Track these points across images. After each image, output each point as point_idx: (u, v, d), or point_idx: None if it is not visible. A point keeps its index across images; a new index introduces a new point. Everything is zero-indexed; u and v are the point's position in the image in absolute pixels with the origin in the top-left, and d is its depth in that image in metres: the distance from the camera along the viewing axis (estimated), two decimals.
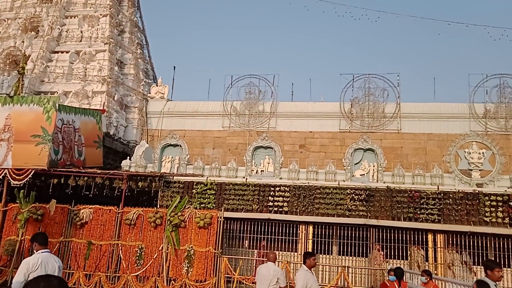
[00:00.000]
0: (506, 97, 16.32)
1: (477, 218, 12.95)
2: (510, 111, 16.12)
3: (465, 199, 13.17)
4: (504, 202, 12.92)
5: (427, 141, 16.84)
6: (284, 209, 14.24)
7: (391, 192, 13.71)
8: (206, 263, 12.60)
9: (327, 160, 16.32)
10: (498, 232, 12.68)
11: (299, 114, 18.49)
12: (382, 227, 13.45)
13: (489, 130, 16.02)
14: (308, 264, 6.57)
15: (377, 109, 17.44)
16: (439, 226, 13.06)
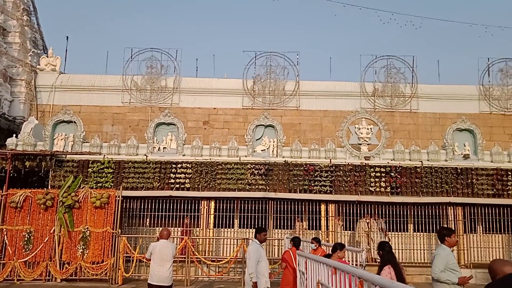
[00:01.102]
0: (392, 77, 17.79)
1: (363, 188, 14.17)
2: (395, 90, 17.64)
3: (354, 171, 14.31)
4: (387, 173, 14.27)
5: (323, 117, 17.83)
6: (186, 185, 14.21)
7: (288, 166, 14.37)
8: (104, 244, 12.20)
9: (230, 137, 16.51)
10: (381, 200, 14.02)
11: (203, 91, 18.36)
12: (280, 199, 14.10)
13: (377, 108, 17.42)
14: (259, 238, 6.95)
15: (278, 87, 17.96)
16: (331, 196, 14.06)
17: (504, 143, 16.04)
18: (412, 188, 14.13)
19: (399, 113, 17.53)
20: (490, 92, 17.42)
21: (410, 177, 14.19)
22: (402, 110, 17.52)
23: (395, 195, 14.11)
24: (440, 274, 5.25)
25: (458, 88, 17.81)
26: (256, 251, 6.81)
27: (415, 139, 16.54)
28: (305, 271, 5.83)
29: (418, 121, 17.57)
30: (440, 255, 5.36)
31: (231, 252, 13.39)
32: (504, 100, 17.34)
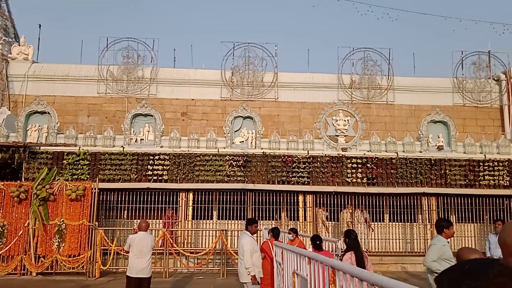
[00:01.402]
0: (369, 69, 17.98)
1: (340, 179, 14.37)
2: (372, 82, 17.85)
3: (331, 162, 14.48)
4: (363, 164, 14.50)
5: (301, 109, 17.93)
6: (164, 177, 14.13)
7: (266, 158, 14.44)
8: (80, 237, 12.05)
9: (209, 128, 16.44)
10: (357, 191, 14.25)
11: (181, 81, 18.18)
12: (259, 190, 14.17)
13: (354, 99, 17.61)
14: (250, 230, 6.99)
15: (256, 78, 17.93)
16: (309, 187, 14.21)
17: (476, 135, 16.48)
18: (387, 179, 14.41)
19: (375, 105, 17.77)
20: (463, 85, 17.82)
21: (386, 168, 14.46)
22: (379, 102, 17.76)
23: (371, 185, 14.36)
24: (431, 263, 5.40)
25: (433, 80, 18.15)
26: (249, 243, 6.90)
27: (391, 131, 16.80)
28: (282, 261, 5.90)
29: (394, 113, 17.85)
30: (435, 245, 5.52)
31: (210, 244, 13.42)
32: (477, 92, 17.77)
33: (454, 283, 1.06)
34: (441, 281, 1.11)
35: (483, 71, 17.99)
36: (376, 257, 13.78)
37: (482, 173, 14.51)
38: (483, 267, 1.07)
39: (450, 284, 1.07)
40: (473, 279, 1.03)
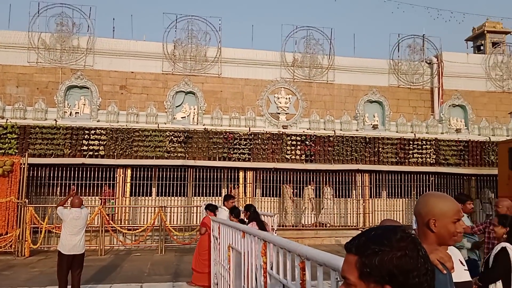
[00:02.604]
0: (311, 48, 18.26)
1: (280, 156, 14.65)
2: (313, 61, 18.16)
3: (272, 140, 14.69)
4: (302, 141, 14.86)
5: (244, 86, 17.92)
6: (100, 153, 13.63)
7: (208, 134, 14.35)
8: (7, 215, 11.41)
9: (149, 103, 15.98)
10: (296, 167, 14.61)
11: (120, 53, 17.43)
12: (199, 167, 14.10)
13: (296, 78, 17.87)
14: (227, 205, 7.21)
15: (199, 52, 17.60)
16: (249, 164, 14.36)
17: (408, 115, 17.40)
18: (325, 156, 14.89)
19: (316, 84, 18.15)
20: (398, 67, 18.64)
21: (323, 145, 14.92)
22: (320, 81, 18.15)
23: (309, 162, 14.79)
24: None
25: (371, 61, 18.81)
26: (225, 217, 7.02)
27: (330, 110, 17.31)
28: (219, 236, 5.96)
29: (334, 92, 18.36)
30: None
31: (148, 221, 13.23)
32: (411, 74, 18.68)
33: (361, 248, 1.12)
34: (349, 246, 1.17)
35: (417, 54, 18.91)
36: (311, 231, 14.34)
37: (412, 151, 15.41)
38: (387, 232, 1.14)
39: (357, 249, 1.13)
40: (377, 243, 1.10)
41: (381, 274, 1.07)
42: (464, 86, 18.44)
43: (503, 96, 18.92)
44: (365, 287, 1.10)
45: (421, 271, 1.08)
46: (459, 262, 2.16)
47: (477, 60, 19.41)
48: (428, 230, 1.92)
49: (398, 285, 1.07)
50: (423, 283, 1.08)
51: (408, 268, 1.07)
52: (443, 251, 1.88)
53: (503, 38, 21.30)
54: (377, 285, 1.08)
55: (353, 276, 1.12)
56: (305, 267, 2.36)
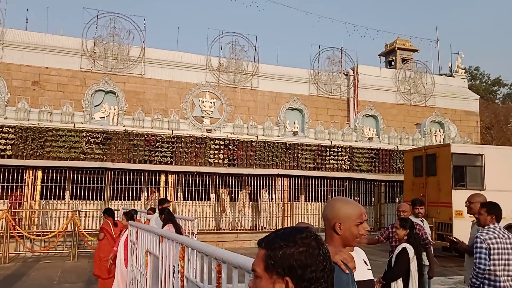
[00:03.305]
0: (236, 54, 18.49)
1: (203, 160, 14.63)
2: (238, 67, 18.39)
3: (195, 143, 14.62)
4: (225, 145, 14.98)
5: (169, 88, 17.63)
6: (8, 152, 12.59)
7: (128, 136, 13.90)
8: None
9: (65, 101, 15.08)
10: (218, 171, 14.68)
11: (34, 46, 16.25)
12: (118, 169, 13.60)
13: (221, 82, 17.97)
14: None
15: (121, 51, 17.00)
16: (171, 167, 14.15)
17: (326, 123, 18.30)
18: (247, 160, 15.15)
19: (241, 89, 18.41)
20: (318, 77, 19.54)
21: (246, 150, 15.17)
22: (244, 86, 18.43)
23: (232, 166, 14.95)
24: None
25: (293, 70, 19.51)
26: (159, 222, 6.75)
27: (253, 115, 17.64)
28: (136, 241, 5.82)
29: (257, 98, 18.74)
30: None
31: (60, 226, 12.45)
32: (330, 85, 19.67)
33: (269, 243, 1.23)
34: (260, 241, 1.27)
35: (335, 66, 19.97)
36: (231, 234, 14.47)
37: (328, 157, 16.23)
38: (294, 231, 1.26)
39: (266, 243, 1.24)
40: (283, 239, 1.22)
41: (283, 266, 1.18)
42: (376, 97, 19.83)
43: (410, 109, 20.64)
44: (269, 278, 1.20)
45: (319, 267, 1.19)
46: (363, 262, 2.34)
47: (389, 74, 21.00)
48: (334, 233, 2.07)
49: (297, 277, 1.17)
50: (320, 278, 1.19)
51: (307, 263, 1.18)
52: (347, 252, 2.03)
53: (411, 55, 23.29)
54: (278, 276, 1.19)
55: (259, 268, 1.22)
56: (221, 270, 2.43)
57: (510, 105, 34.02)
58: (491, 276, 3.77)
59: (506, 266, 3.76)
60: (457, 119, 20.75)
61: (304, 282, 1.18)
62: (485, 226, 3.94)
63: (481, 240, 3.80)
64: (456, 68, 22.82)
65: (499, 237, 3.80)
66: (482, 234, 3.85)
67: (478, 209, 4.17)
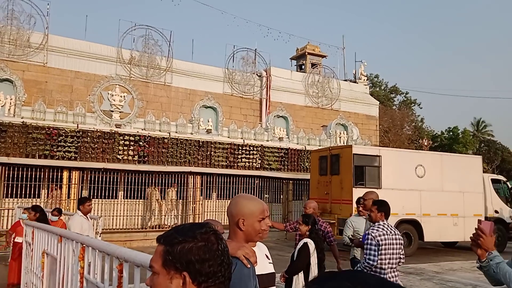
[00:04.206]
0: (149, 48, 17.94)
1: (111, 156, 14.00)
2: (151, 62, 17.86)
3: (103, 138, 13.94)
4: (136, 142, 14.50)
5: (74, 78, 16.57)
6: None
7: (27, 128, 12.83)
8: None
9: None
10: (128, 168, 14.17)
11: None
12: (14, 165, 12.48)
13: (133, 76, 17.32)
14: (83, 210, 6.34)
15: (21, 37, 15.57)
16: (75, 163, 13.34)
17: (239, 122, 18.55)
18: (158, 157, 14.82)
19: (153, 85, 17.92)
20: (232, 76, 19.74)
21: (157, 147, 14.83)
22: (157, 82, 17.97)
23: (142, 163, 14.51)
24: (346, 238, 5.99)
25: (208, 68, 19.48)
26: (80, 222, 6.11)
27: (166, 111, 17.29)
28: (32, 241, 5.41)
29: (171, 95, 18.40)
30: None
31: None
32: (243, 84, 19.97)
33: (168, 238, 1.24)
34: (159, 237, 1.28)
35: (249, 66, 20.31)
36: (140, 233, 14.06)
37: (240, 155, 16.50)
38: (193, 226, 1.28)
39: (165, 239, 1.25)
40: (182, 234, 1.24)
41: (181, 261, 1.19)
42: (287, 99, 20.57)
43: (318, 111, 21.74)
44: (166, 273, 1.21)
45: (216, 261, 1.23)
46: (265, 256, 2.44)
47: (299, 77, 21.90)
48: (238, 229, 2.14)
49: (194, 272, 1.20)
50: (217, 272, 1.23)
51: (205, 257, 1.21)
52: (249, 247, 2.10)
53: (320, 61, 24.54)
54: (176, 272, 1.20)
55: (157, 264, 1.22)
56: (123, 270, 2.37)
57: (405, 111, 37.45)
58: (377, 269, 4.15)
59: (390, 260, 4.17)
60: (359, 122, 22.31)
61: (202, 277, 1.20)
62: (376, 223, 4.32)
63: (371, 237, 4.16)
64: (359, 75, 24.53)
65: (387, 233, 4.19)
66: (373, 231, 4.21)
67: (370, 206, 4.54)
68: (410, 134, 35.56)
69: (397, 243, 4.22)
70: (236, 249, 1.94)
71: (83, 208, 6.35)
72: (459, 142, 36.89)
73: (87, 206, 6.37)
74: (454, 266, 10.72)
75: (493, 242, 2.72)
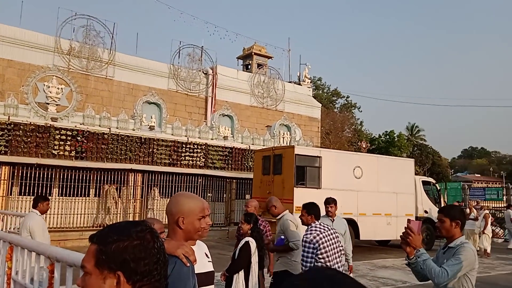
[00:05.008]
0: (90, 39, 17.21)
1: (45, 151, 13.28)
2: (92, 53, 17.14)
3: (37, 132, 13.19)
4: (73, 137, 13.86)
5: (7, 67, 15.50)
6: None
7: None
8: None
9: None
10: (64, 164, 13.51)
11: None
12: None
13: (72, 68, 16.51)
14: (40, 209, 5.92)
15: None
16: (5, 158, 12.51)
17: (183, 119, 18.32)
18: (97, 153, 14.27)
19: (94, 77, 17.20)
20: (178, 73, 19.43)
21: (97, 142, 14.28)
22: (98, 75, 17.27)
23: (80, 159, 13.91)
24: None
25: (152, 63, 19.00)
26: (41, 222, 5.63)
27: (107, 106, 16.68)
28: None
29: (113, 89, 17.77)
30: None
31: None
32: (189, 81, 19.72)
33: (102, 237, 1.21)
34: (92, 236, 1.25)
35: (195, 63, 20.10)
36: (76, 232, 13.47)
37: (184, 153, 16.30)
38: (129, 225, 1.26)
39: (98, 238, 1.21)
40: (117, 233, 1.21)
41: (115, 261, 1.17)
42: (233, 98, 20.60)
43: (262, 111, 21.98)
44: (99, 273, 1.18)
45: (152, 259, 1.21)
46: (205, 255, 2.44)
47: (245, 77, 22.02)
48: (177, 227, 2.12)
49: (129, 271, 1.18)
50: (153, 271, 1.22)
51: (140, 256, 1.19)
52: (188, 246, 2.09)
53: (266, 61, 24.83)
54: (110, 271, 1.17)
55: (89, 264, 1.19)
56: (54, 270, 2.27)
57: (346, 114, 38.88)
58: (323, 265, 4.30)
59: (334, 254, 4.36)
60: (302, 123, 22.84)
61: (137, 276, 1.19)
62: (308, 226, 4.46)
63: (305, 243, 4.31)
64: (303, 77, 25.11)
65: (322, 233, 4.35)
66: (307, 236, 4.35)
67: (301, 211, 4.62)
68: (350, 137, 36.97)
69: (334, 237, 4.41)
70: (175, 247, 1.93)
71: (42, 207, 5.94)
72: (394, 145, 38.89)
73: (46, 205, 5.99)
74: (386, 263, 11.30)
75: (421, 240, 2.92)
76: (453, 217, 3.07)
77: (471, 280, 2.99)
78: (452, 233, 3.07)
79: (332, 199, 5.90)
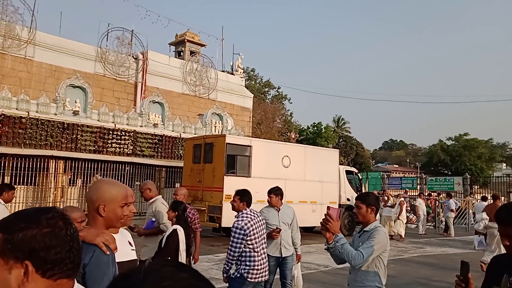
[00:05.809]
0: (7, 15, 15.73)
1: None
2: (10, 31, 15.69)
3: None
4: None
5: None
6: None
7: None
8: None
9: None
10: None
11: None
12: None
13: None
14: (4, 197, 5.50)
15: None
16: None
17: (111, 105, 17.60)
18: (14, 139, 13.29)
19: (11, 57, 15.91)
20: (106, 56, 18.57)
21: (13, 127, 13.30)
22: (16, 54, 15.99)
23: None
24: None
25: (78, 45, 17.97)
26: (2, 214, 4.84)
27: (26, 88, 15.53)
28: None
29: (33, 70, 16.56)
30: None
31: None
32: (117, 66, 18.94)
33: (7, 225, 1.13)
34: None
35: (125, 47, 19.34)
36: None
37: (111, 140, 15.70)
38: (38, 211, 1.19)
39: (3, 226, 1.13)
40: (24, 221, 1.13)
41: (22, 250, 1.10)
42: (164, 85, 20.14)
43: (195, 100, 21.75)
44: (4, 264, 1.11)
45: (65, 247, 1.16)
46: (128, 243, 2.40)
47: (177, 64, 21.60)
48: (98, 215, 2.07)
49: (39, 260, 1.12)
50: (65, 259, 1.16)
51: (51, 244, 1.13)
52: (109, 234, 2.04)
53: (199, 49, 24.52)
54: (16, 261, 1.11)
55: None
56: None
57: (277, 105, 39.66)
58: (252, 252, 4.41)
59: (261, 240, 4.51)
60: (234, 113, 22.96)
61: (48, 265, 1.13)
62: (239, 212, 4.55)
63: (236, 230, 4.40)
64: (236, 67, 25.18)
65: (252, 219, 4.47)
66: (238, 222, 4.44)
67: (234, 197, 4.70)
68: (280, 127, 37.83)
69: (261, 224, 4.58)
70: (94, 236, 1.89)
71: (7, 196, 5.45)
72: (322, 136, 40.43)
73: (11, 194, 5.53)
74: (310, 249, 11.81)
75: (339, 226, 3.11)
76: (368, 203, 3.31)
77: (383, 260, 3.26)
78: (368, 218, 3.31)
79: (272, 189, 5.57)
